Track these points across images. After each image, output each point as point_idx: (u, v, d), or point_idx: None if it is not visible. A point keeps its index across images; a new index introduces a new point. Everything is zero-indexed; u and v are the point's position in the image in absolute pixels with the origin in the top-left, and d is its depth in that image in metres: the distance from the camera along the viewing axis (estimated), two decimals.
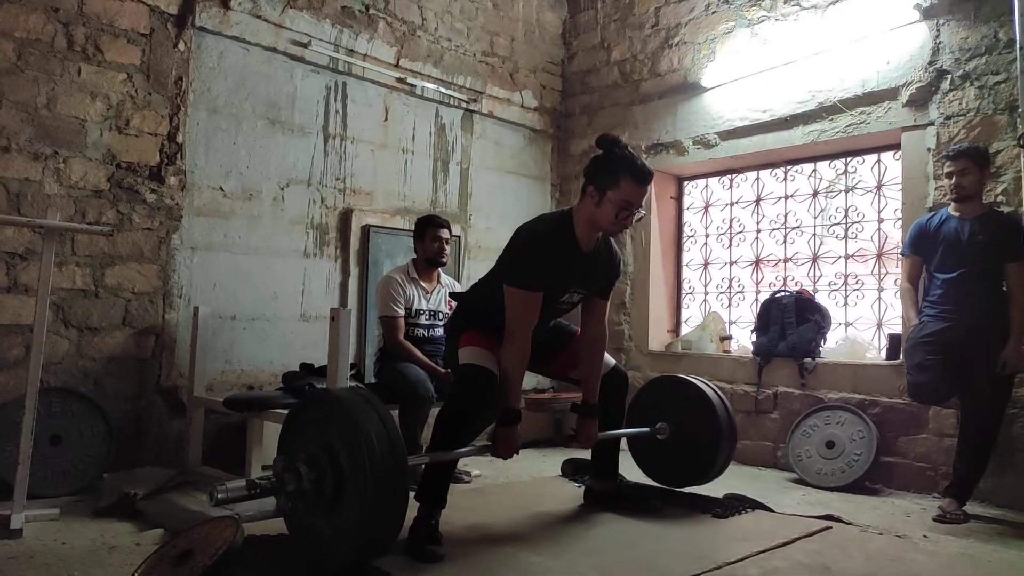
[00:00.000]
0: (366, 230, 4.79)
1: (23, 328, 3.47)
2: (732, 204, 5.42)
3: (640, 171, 2.46)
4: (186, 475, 3.59)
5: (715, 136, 5.12)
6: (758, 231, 5.24)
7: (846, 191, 4.81)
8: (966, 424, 3.51)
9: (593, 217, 2.50)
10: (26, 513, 2.85)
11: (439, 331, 4.01)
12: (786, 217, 5.09)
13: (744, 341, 5.11)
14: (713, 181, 5.54)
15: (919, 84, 4.16)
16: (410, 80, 5.02)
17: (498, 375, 2.49)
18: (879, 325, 4.55)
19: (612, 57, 5.78)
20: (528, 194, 5.82)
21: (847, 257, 4.77)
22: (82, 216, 3.68)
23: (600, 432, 2.78)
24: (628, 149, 2.53)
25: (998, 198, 3.83)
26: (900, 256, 3.97)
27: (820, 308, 4.60)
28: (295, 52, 4.46)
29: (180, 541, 2.27)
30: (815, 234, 4.96)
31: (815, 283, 4.91)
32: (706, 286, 5.53)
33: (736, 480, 4.06)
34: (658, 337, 5.48)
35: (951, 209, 3.60)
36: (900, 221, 4.32)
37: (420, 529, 2.35)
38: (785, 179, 5.11)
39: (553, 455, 4.66)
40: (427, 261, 4.09)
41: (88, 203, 3.71)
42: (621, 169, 2.45)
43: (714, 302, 5.49)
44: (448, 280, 4.29)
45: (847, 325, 4.71)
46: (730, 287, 5.40)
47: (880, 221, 4.63)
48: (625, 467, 3.05)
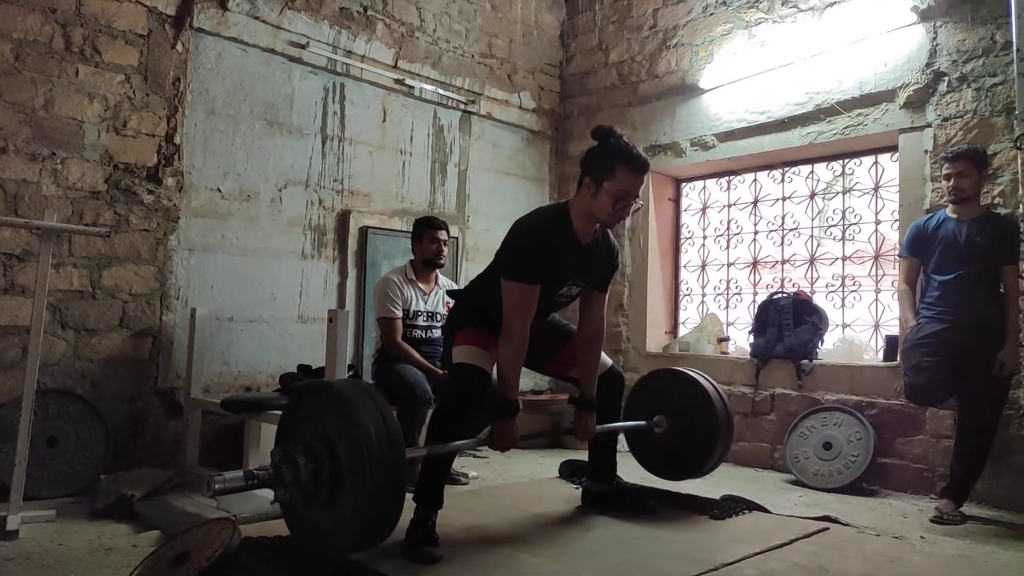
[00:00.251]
0: (364, 231, 4.79)
1: (20, 329, 3.46)
2: (730, 206, 5.42)
3: (636, 161, 2.43)
4: (183, 477, 3.58)
5: (713, 138, 5.12)
6: (756, 233, 5.25)
7: (843, 193, 4.82)
8: (963, 425, 3.51)
9: (590, 209, 2.48)
10: (23, 514, 2.84)
11: (437, 332, 4.01)
12: (784, 219, 5.10)
13: (742, 343, 5.11)
14: (711, 183, 5.55)
15: (916, 86, 4.17)
16: (408, 81, 5.02)
17: (494, 374, 2.49)
18: (876, 327, 4.56)
19: (610, 59, 5.78)
20: (526, 196, 5.81)
21: (844, 259, 4.77)
22: (79, 217, 3.68)
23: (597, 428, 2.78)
24: (624, 139, 2.48)
25: (995, 200, 3.83)
26: (898, 258, 3.97)
27: (817, 310, 4.61)
28: (293, 53, 4.46)
29: (177, 543, 2.26)
30: (812, 236, 4.96)
31: (812, 285, 4.91)
32: (704, 288, 5.54)
33: (733, 481, 4.07)
34: (656, 339, 5.49)
35: (949, 211, 3.60)
36: (897, 223, 4.32)
37: (417, 531, 2.35)
38: (783, 181, 5.12)
39: (551, 456, 4.66)
40: (425, 263, 4.09)
41: (85, 204, 3.71)
42: (617, 159, 2.42)
43: (712, 304, 5.49)
44: (446, 281, 4.29)
45: (844, 327, 4.71)
46: (728, 289, 5.40)
47: (877, 223, 4.64)
48: (623, 468, 3.05)
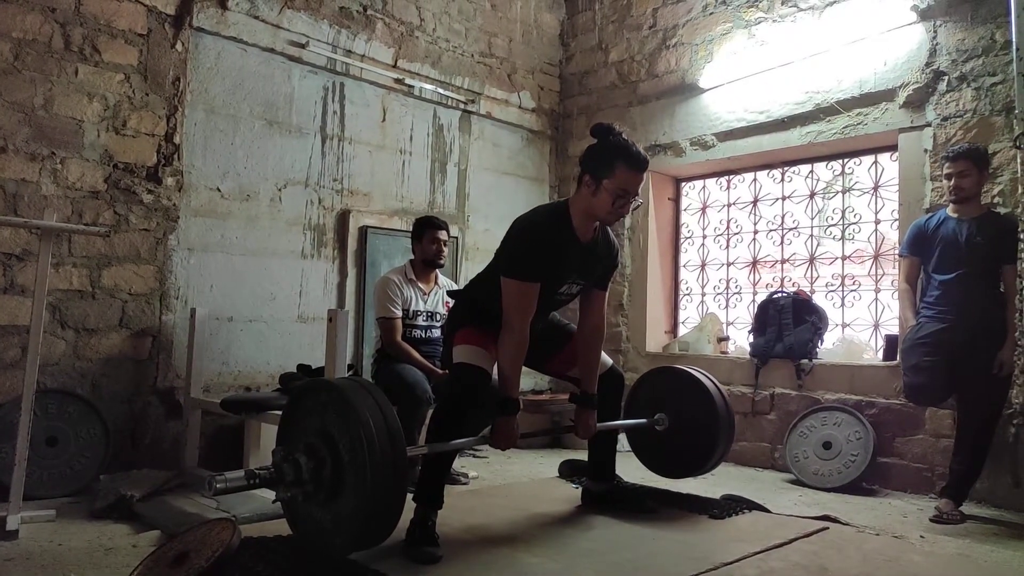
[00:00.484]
0: (364, 231, 4.79)
1: (19, 329, 3.46)
2: (729, 205, 5.42)
3: (636, 158, 2.43)
4: (183, 477, 3.59)
5: (712, 137, 5.12)
6: (755, 232, 5.24)
7: (843, 192, 4.82)
8: (963, 425, 3.51)
9: (590, 206, 2.48)
10: (22, 514, 2.84)
11: (436, 332, 4.01)
12: (783, 218, 5.09)
13: (741, 342, 5.11)
14: (711, 182, 5.54)
15: (916, 85, 4.17)
16: (408, 81, 5.02)
17: (494, 373, 2.49)
18: (876, 326, 4.56)
19: (610, 58, 5.78)
20: (526, 195, 5.81)
21: (844, 258, 4.77)
22: (79, 217, 3.68)
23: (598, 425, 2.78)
24: (623, 136, 2.48)
25: (995, 199, 3.83)
26: (898, 257, 3.97)
27: (817, 309, 4.61)
28: (293, 53, 4.46)
29: (177, 543, 2.26)
30: (812, 235, 4.96)
31: (812, 284, 4.91)
32: (703, 287, 5.54)
33: (733, 481, 4.07)
34: (655, 338, 5.49)
35: (949, 210, 3.60)
36: (897, 222, 4.32)
37: (417, 531, 2.35)
38: (782, 180, 5.12)
39: (550, 456, 4.66)
40: (425, 262, 4.09)
41: (85, 204, 3.71)
42: (616, 156, 2.42)
43: (711, 303, 5.49)
44: (446, 281, 4.28)
45: (844, 326, 4.71)
46: (727, 288, 5.40)
47: (877, 222, 4.64)
48: (623, 467, 3.05)
